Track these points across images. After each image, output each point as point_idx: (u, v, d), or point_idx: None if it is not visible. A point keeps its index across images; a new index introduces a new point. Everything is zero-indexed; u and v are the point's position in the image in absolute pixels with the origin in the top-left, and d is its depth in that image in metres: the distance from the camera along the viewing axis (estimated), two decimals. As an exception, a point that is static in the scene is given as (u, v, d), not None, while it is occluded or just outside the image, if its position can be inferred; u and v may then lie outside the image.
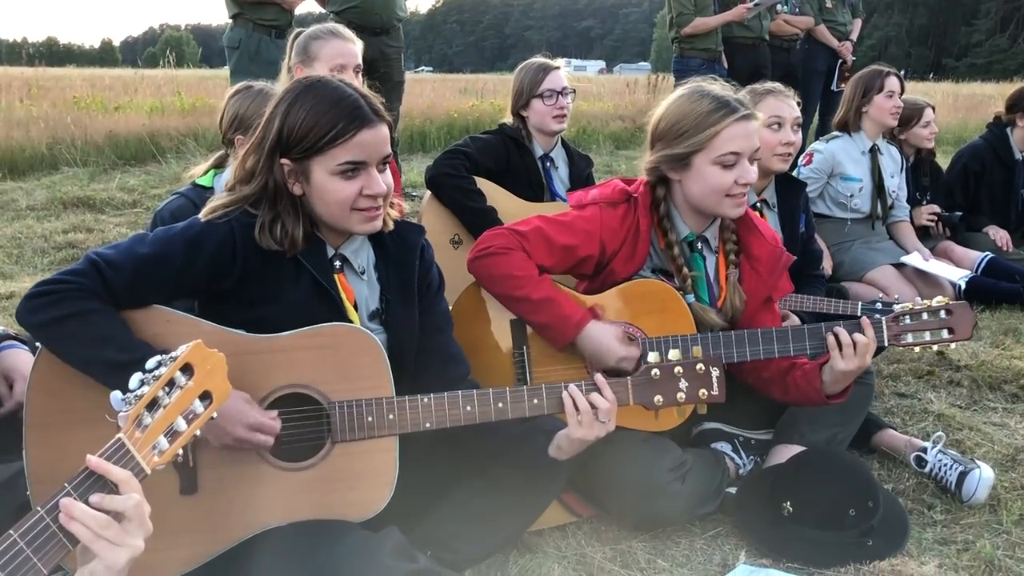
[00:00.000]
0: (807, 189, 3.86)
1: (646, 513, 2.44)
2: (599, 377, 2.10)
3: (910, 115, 5.02)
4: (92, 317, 1.81)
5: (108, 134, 8.75)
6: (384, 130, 2.02)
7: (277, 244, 2.01)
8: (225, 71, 5.84)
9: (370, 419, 1.99)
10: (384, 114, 2.03)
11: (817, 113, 7.40)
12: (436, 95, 14.37)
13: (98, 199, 6.89)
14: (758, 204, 3.46)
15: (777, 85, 3.40)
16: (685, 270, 2.56)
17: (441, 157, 3.66)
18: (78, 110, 9.92)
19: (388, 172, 2.06)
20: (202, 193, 2.86)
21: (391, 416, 2.00)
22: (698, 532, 2.51)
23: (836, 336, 2.38)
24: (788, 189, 3.57)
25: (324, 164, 1.97)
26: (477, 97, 14.29)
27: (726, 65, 6.40)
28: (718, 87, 2.51)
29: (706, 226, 2.60)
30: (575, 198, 2.64)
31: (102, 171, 8.08)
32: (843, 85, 7.16)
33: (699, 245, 2.61)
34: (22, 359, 2.33)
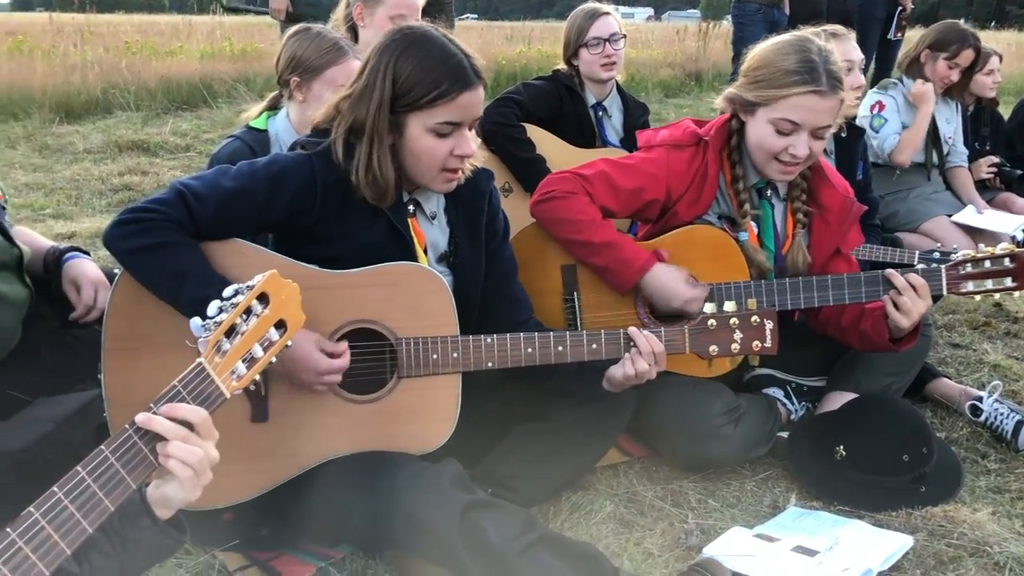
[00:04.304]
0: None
1: (698, 455, 2.47)
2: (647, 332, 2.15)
3: (974, 60, 4.87)
4: (176, 249, 1.87)
5: (161, 79, 8.83)
6: (481, 91, 2.04)
7: (372, 194, 2.03)
8: (270, 18, 5.84)
9: (435, 356, 2.03)
10: (483, 74, 2.04)
11: (873, 61, 7.22)
12: (483, 42, 14.21)
13: (152, 143, 6.98)
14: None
15: (840, 28, 3.35)
16: (747, 207, 2.55)
17: (492, 105, 3.64)
18: (131, 55, 9.99)
19: (474, 132, 2.09)
20: (257, 136, 2.87)
21: (455, 354, 2.05)
22: (749, 474, 2.54)
23: (893, 285, 2.38)
24: (847, 135, 3.51)
25: (421, 120, 2.00)
26: (524, 44, 14.14)
27: (787, 11, 6.25)
28: (824, 48, 2.40)
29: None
30: (644, 138, 2.63)
31: (155, 115, 8.18)
32: (900, 34, 6.97)
33: (768, 192, 2.60)
34: (86, 266, 2.42)
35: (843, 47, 3.27)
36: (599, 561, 1.91)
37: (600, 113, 3.76)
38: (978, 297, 2.44)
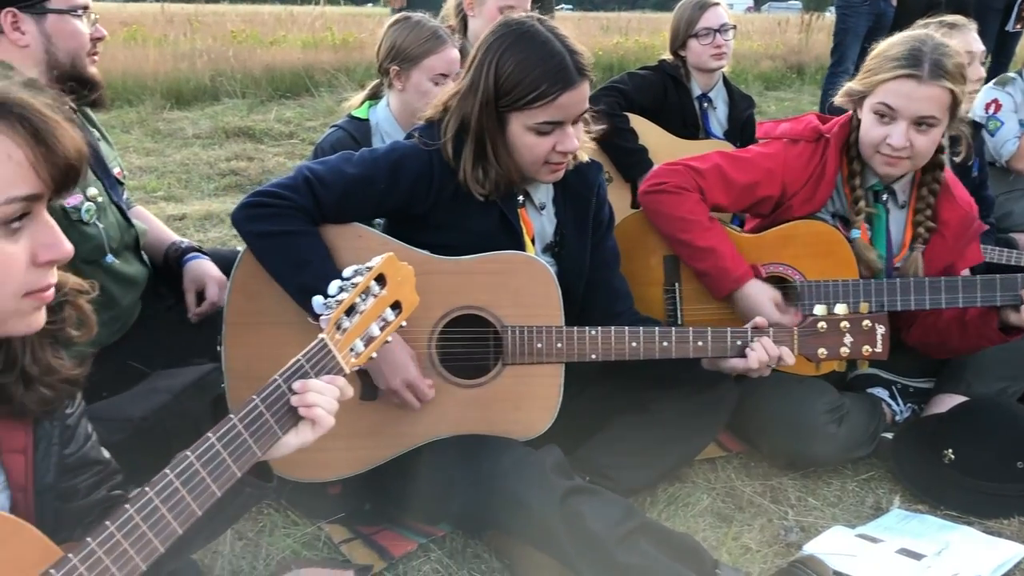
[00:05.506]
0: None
1: (800, 452, 2.44)
2: (761, 320, 2.16)
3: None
4: (300, 239, 1.94)
5: (265, 67, 9.05)
6: (585, 88, 2.04)
7: (482, 188, 2.07)
8: (369, 8, 5.93)
9: (539, 345, 2.06)
10: (587, 70, 2.04)
11: (990, 54, 6.92)
12: (579, 33, 13.96)
13: (257, 129, 7.16)
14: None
15: (960, 18, 3.24)
16: (861, 204, 2.49)
17: (596, 94, 3.64)
18: (237, 44, 10.29)
19: (580, 125, 2.09)
20: (359, 125, 2.93)
21: (559, 344, 2.07)
22: (850, 475, 2.50)
23: None
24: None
25: (521, 119, 2.02)
26: (621, 35, 14.04)
27: (894, 2, 6.06)
28: (942, 43, 2.34)
29: (895, 178, 2.52)
30: (764, 130, 2.61)
31: (260, 103, 8.38)
32: (1019, 25, 6.65)
33: (884, 197, 2.53)
34: (208, 266, 2.51)
35: (964, 38, 3.16)
36: (699, 552, 1.91)
37: (705, 104, 3.73)
38: None
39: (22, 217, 1.14)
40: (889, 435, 2.59)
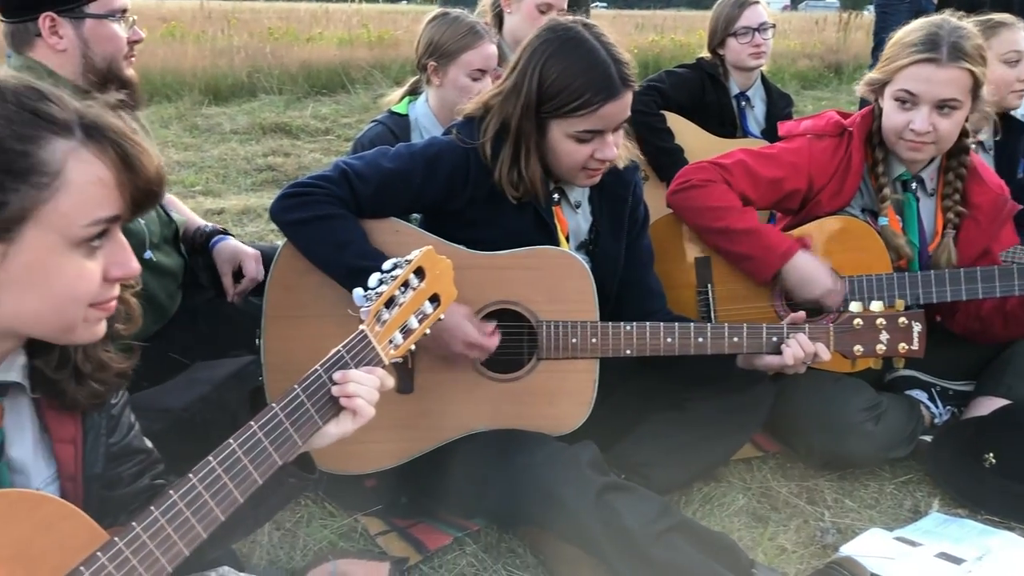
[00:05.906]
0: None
1: (836, 452, 2.42)
2: (798, 315, 2.16)
3: None
4: (336, 222, 1.96)
5: (302, 64, 9.13)
6: (628, 97, 2.03)
7: (515, 191, 2.07)
8: (404, 5, 5.94)
9: (574, 340, 2.06)
10: (631, 79, 2.03)
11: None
12: (613, 30, 13.98)
13: (294, 125, 7.22)
14: (972, 145, 3.26)
15: (1008, 16, 3.19)
16: (887, 191, 2.48)
17: (633, 94, 3.63)
18: (273, 41, 10.38)
19: (620, 132, 2.09)
20: (398, 120, 2.95)
21: (594, 340, 2.07)
22: (888, 476, 2.47)
23: None
24: (1007, 130, 3.34)
25: (562, 127, 2.02)
26: (656, 33, 13.98)
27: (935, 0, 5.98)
28: (960, 28, 2.34)
29: (922, 166, 2.49)
30: (786, 128, 2.60)
31: (296, 99, 8.45)
32: (1066, 24, 6.54)
33: (913, 185, 2.51)
34: (239, 244, 2.54)
35: (1012, 36, 3.11)
36: (735, 551, 1.91)
37: (743, 103, 3.72)
38: None
39: (101, 236, 1.18)
40: (928, 438, 2.56)
